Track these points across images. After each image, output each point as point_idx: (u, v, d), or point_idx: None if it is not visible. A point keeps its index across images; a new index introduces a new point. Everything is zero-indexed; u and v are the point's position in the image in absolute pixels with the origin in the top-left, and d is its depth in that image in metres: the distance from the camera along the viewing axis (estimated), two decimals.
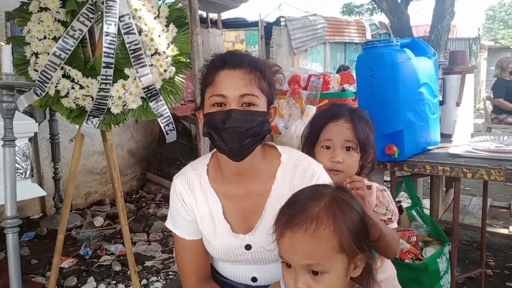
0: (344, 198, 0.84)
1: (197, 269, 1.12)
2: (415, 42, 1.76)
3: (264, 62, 1.06)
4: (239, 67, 0.99)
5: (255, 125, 0.98)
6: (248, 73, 0.99)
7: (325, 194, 0.83)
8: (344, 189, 0.88)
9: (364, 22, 10.33)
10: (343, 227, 0.78)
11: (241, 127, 0.97)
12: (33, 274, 2.46)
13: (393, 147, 1.61)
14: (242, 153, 1.00)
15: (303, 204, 0.82)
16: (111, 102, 1.92)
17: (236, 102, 0.97)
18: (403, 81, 1.57)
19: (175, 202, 1.11)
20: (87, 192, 3.83)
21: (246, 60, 1.01)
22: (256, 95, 0.99)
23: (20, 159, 1.99)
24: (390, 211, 1.30)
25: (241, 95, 0.97)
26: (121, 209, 2.12)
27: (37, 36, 1.83)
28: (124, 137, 4.20)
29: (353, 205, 0.84)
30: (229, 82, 0.98)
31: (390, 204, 1.31)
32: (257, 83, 0.99)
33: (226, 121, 0.97)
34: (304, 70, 2.82)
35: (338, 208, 0.80)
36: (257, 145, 1.02)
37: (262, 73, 1.02)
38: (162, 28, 2.00)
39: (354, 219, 0.81)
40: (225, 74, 0.99)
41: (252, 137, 0.99)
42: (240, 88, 0.98)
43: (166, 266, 2.57)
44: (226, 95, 0.98)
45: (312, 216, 0.78)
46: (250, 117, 0.98)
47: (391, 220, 1.30)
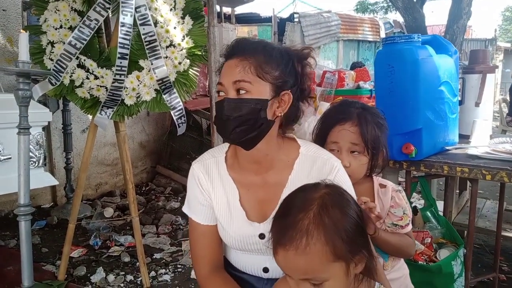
0: (334, 202, 0.81)
1: (210, 256, 1.12)
2: (437, 39, 1.72)
3: (272, 47, 1.02)
4: (237, 55, 0.99)
5: (245, 113, 0.95)
6: (244, 59, 0.97)
7: (313, 200, 0.81)
8: (335, 188, 0.86)
9: (379, 20, 10.22)
10: (335, 237, 0.76)
11: (230, 116, 0.96)
12: (44, 262, 2.47)
13: (411, 146, 1.57)
14: (239, 141, 1.00)
15: (292, 216, 0.80)
16: (125, 93, 1.92)
17: (232, 89, 0.97)
18: (424, 78, 1.53)
19: (192, 187, 1.12)
20: (98, 183, 3.86)
21: (249, 46, 1.00)
22: (249, 81, 0.96)
23: (34, 147, 2.00)
24: (407, 216, 1.26)
25: (233, 81, 0.97)
26: (132, 201, 2.12)
27: (53, 25, 1.84)
28: (135, 129, 4.21)
29: (344, 207, 0.81)
30: (227, 69, 1.00)
31: (407, 207, 1.27)
32: (253, 69, 0.96)
33: (220, 110, 0.98)
34: (319, 66, 2.79)
35: (328, 217, 0.78)
36: (256, 133, 0.99)
37: (266, 58, 0.98)
38: (177, 20, 1.99)
39: (346, 224, 0.79)
40: (227, 63, 1.01)
41: (245, 125, 0.96)
42: (233, 75, 0.97)
43: (175, 259, 2.57)
44: (223, 83, 0.99)
45: (301, 230, 0.77)
46: (239, 104, 0.96)
47: (408, 225, 1.27)
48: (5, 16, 3.09)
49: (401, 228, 1.26)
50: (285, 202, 0.87)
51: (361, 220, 0.83)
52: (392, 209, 1.27)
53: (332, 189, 0.85)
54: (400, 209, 1.26)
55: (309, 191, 0.85)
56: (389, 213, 1.27)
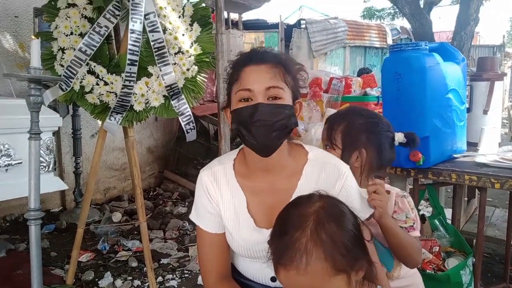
0: (330, 216, 0.81)
1: (218, 264, 1.12)
2: (444, 47, 1.72)
3: (287, 57, 1.07)
4: (264, 62, 1.01)
5: (282, 117, 0.99)
6: (273, 67, 1.00)
7: (308, 216, 0.81)
8: (329, 199, 0.86)
9: (385, 26, 10.22)
10: (334, 252, 0.77)
11: (268, 120, 0.97)
12: (52, 267, 2.49)
13: (418, 154, 1.57)
14: (270, 147, 1.01)
15: (289, 235, 0.79)
16: (134, 99, 1.94)
17: (263, 95, 0.98)
18: (431, 86, 1.53)
19: (200, 195, 1.12)
20: (106, 188, 3.88)
21: (271, 55, 1.03)
22: (282, 87, 1.00)
23: (44, 152, 2.02)
24: (410, 219, 1.27)
25: (267, 88, 0.98)
26: (140, 206, 2.13)
27: (64, 32, 1.86)
28: (143, 134, 4.25)
29: (340, 220, 0.81)
30: (255, 76, 1.00)
31: (410, 211, 1.28)
32: (282, 76, 1.00)
33: (254, 115, 0.98)
34: (326, 72, 2.80)
35: (325, 232, 0.78)
36: (285, 139, 1.03)
37: (286, 67, 1.03)
38: (186, 27, 2.01)
39: (343, 238, 0.79)
40: (251, 69, 1.01)
41: (280, 130, 0.99)
42: (265, 81, 0.99)
43: (182, 264, 2.58)
44: (252, 89, 0.99)
45: (300, 250, 0.77)
46: (277, 109, 0.99)
47: (413, 228, 1.28)
48: (17, 22, 3.15)
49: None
50: (280, 219, 0.87)
51: (358, 230, 0.83)
52: (395, 215, 1.28)
53: (326, 201, 0.85)
54: (403, 214, 1.27)
55: (302, 206, 0.85)
56: (393, 219, 1.27)
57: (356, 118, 1.31)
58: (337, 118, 1.35)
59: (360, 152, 1.28)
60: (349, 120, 1.31)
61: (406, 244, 1.22)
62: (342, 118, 1.34)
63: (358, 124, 1.30)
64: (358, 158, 1.28)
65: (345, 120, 1.32)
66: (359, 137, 1.28)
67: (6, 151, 1.94)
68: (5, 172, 1.94)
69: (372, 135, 1.29)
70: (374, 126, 1.30)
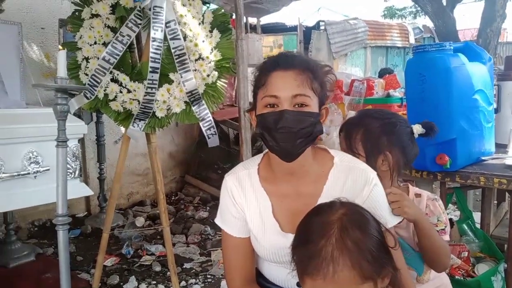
0: (354, 222, 0.80)
1: (243, 269, 1.13)
2: (469, 47, 1.67)
3: (315, 63, 1.06)
4: (292, 68, 1.00)
5: (307, 125, 0.99)
6: (301, 73, 1.00)
7: (332, 224, 0.80)
8: (351, 206, 0.85)
9: (407, 25, 10.03)
10: (360, 259, 0.76)
11: (293, 128, 0.98)
12: (79, 271, 2.55)
13: (445, 157, 1.53)
14: (294, 153, 1.01)
15: (314, 244, 0.79)
16: (156, 106, 1.97)
17: (289, 102, 0.98)
18: (457, 87, 1.50)
19: (225, 199, 1.13)
20: (129, 193, 3.96)
21: (299, 60, 1.03)
22: (308, 95, 1.00)
23: (70, 159, 2.07)
24: (441, 222, 1.26)
25: (293, 95, 0.98)
26: (163, 211, 2.16)
27: (88, 42, 1.92)
28: (165, 140, 4.31)
29: (365, 226, 0.81)
30: (282, 82, 1.00)
31: (441, 214, 1.27)
32: (309, 83, 1.00)
33: (279, 122, 0.98)
34: (347, 75, 2.77)
35: (350, 240, 0.77)
36: (309, 146, 1.03)
37: (314, 74, 1.02)
38: (206, 33, 2.03)
39: (369, 244, 0.78)
40: (278, 75, 1.01)
41: (304, 138, 0.99)
42: (292, 89, 0.99)
43: (204, 269, 2.59)
44: (278, 95, 0.99)
45: (326, 258, 0.76)
46: (302, 117, 0.98)
47: (444, 232, 1.26)
48: (44, 33, 3.26)
49: None
50: (303, 227, 0.86)
51: (382, 236, 0.82)
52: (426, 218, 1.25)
53: (349, 208, 0.84)
54: (435, 217, 1.26)
55: (325, 214, 0.84)
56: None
57: (372, 122, 1.29)
58: (352, 126, 1.33)
59: (385, 155, 1.26)
60: (366, 126, 1.29)
61: (438, 246, 1.21)
62: (358, 125, 1.31)
63: (376, 128, 1.28)
64: (384, 161, 1.26)
65: (362, 127, 1.29)
66: (380, 141, 1.26)
67: (35, 158, 2.00)
68: (34, 179, 2.00)
69: (392, 136, 1.27)
70: (392, 126, 1.28)
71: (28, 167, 1.97)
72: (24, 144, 1.98)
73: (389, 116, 1.33)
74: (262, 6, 3.71)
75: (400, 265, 0.92)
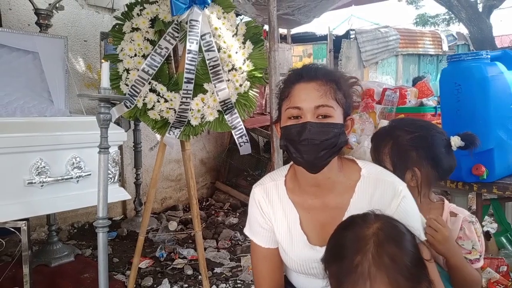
0: (390, 237, 0.78)
1: (271, 278, 1.13)
2: (507, 54, 1.65)
3: (340, 74, 1.07)
4: (314, 79, 1.01)
5: (331, 137, 0.98)
6: (323, 84, 1.00)
7: (368, 239, 0.77)
8: (386, 219, 0.82)
9: (440, 33, 9.79)
10: (397, 276, 0.74)
11: (316, 139, 0.97)
12: (115, 272, 2.66)
13: (482, 168, 1.50)
14: (318, 165, 1.00)
15: (349, 259, 0.76)
16: (191, 115, 2.05)
17: (312, 113, 0.99)
18: (494, 96, 1.48)
19: (253, 210, 1.15)
20: (163, 197, 4.08)
21: (322, 72, 1.03)
22: (332, 106, 0.99)
23: (110, 165, 2.19)
24: (477, 251, 1.19)
25: (316, 106, 0.99)
26: (196, 216, 2.23)
27: (129, 54, 2.03)
28: (196, 147, 4.42)
29: (401, 241, 0.78)
30: (304, 94, 1.00)
31: (477, 242, 1.19)
32: (333, 94, 1.00)
33: (302, 134, 0.98)
34: (378, 83, 2.77)
35: (387, 255, 0.75)
36: (333, 157, 1.02)
37: (338, 85, 1.02)
38: (239, 45, 2.10)
39: (405, 260, 0.75)
40: (301, 87, 1.02)
41: (328, 149, 0.99)
42: (315, 100, 0.99)
43: (234, 274, 2.63)
44: (301, 107, 1.00)
45: (363, 275, 0.74)
46: (325, 129, 0.98)
47: (478, 260, 1.20)
48: (86, 46, 3.45)
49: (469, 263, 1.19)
50: (335, 241, 0.84)
51: (418, 250, 0.80)
52: (460, 241, 1.20)
53: (383, 221, 0.82)
54: (470, 242, 1.19)
55: (359, 227, 0.81)
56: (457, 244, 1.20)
57: (401, 135, 1.24)
58: (381, 138, 1.29)
59: (413, 171, 1.21)
60: (395, 139, 1.24)
61: (468, 278, 1.16)
62: (387, 137, 1.27)
63: (405, 142, 1.23)
64: (413, 177, 1.21)
65: (390, 139, 1.25)
66: (409, 156, 1.21)
67: (78, 163, 2.12)
68: (76, 183, 2.12)
69: (422, 150, 1.21)
70: (423, 140, 1.22)
71: (71, 172, 2.10)
72: (67, 150, 2.11)
73: (420, 128, 1.25)
74: (294, 18, 3.77)
75: (434, 277, 0.90)
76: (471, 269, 1.17)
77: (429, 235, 1.08)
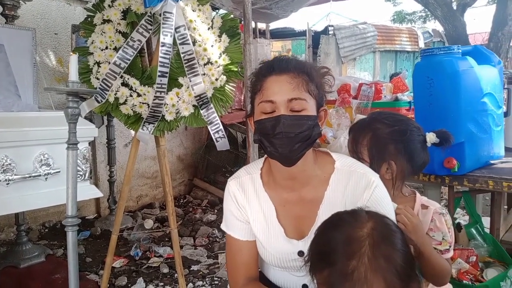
0: (384, 238, 0.74)
1: (246, 272, 1.12)
2: (478, 50, 1.67)
3: (311, 65, 1.05)
4: (286, 71, 1.00)
5: (305, 129, 0.98)
6: (295, 77, 0.99)
7: (362, 241, 0.73)
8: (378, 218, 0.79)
9: (417, 30, 9.98)
10: (393, 278, 0.71)
11: (290, 133, 0.96)
12: (87, 272, 2.58)
13: (453, 161, 1.52)
14: (293, 158, 1.00)
15: (343, 264, 0.72)
16: (165, 110, 2.00)
17: (285, 107, 0.97)
18: (465, 90, 1.49)
19: (228, 203, 1.13)
20: (138, 195, 4.00)
21: (293, 64, 1.02)
22: (305, 98, 0.98)
23: (81, 161, 2.11)
24: (447, 242, 1.20)
25: (289, 99, 0.97)
26: (171, 213, 2.18)
27: (99, 47, 1.95)
28: (174, 143, 4.35)
29: (394, 241, 0.75)
30: (277, 87, 0.99)
31: (447, 233, 1.21)
32: (305, 86, 0.99)
33: (276, 127, 0.97)
34: (355, 79, 2.77)
35: (383, 258, 0.71)
36: (308, 149, 1.02)
37: (310, 76, 1.01)
38: (215, 38, 2.06)
39: (400, 260, 0.73)
40: (273, 79, 1.00)
41: (302, 142, 0.98)
42: (287, 93, 0.97)
43: (212, 271, 2.60)
44: (274, 100, 0.98)
45: (360, 280, 0.70)
46: (299, 121, 0.97)
47: (447, 251, 1.22)
48: (57, 39, 3.33)
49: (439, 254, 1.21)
50: (323, 244, 0.78)
51: (408, 247, 0.78)
52: (431, 232, 1.21)
53: (376, 220, 0.78)
54: (440, 233, 1.20)
55: (350, 228, 0.76)
56: (427, 235, 1.21)
57: (380, 128, 1.25)
58: (360, 129, 1.29)
59: (389, 164, 1.22)
60: (374, 131, 1.25)
61: (438, 268, 1.17)
62: (366, 129, 1.27)
63: (384, 135, 1.23)
64: (388, 170, 1.23)
65: (370, 131, 1.25)
66: (386, 149, 1.22)
67: (46, 160, 2.04)
68: (45, 180, 2.04)
69: (400, 144, 1.22)
70: (401, 134, 1.23)
71: (39, 169, 2.01)
72: (35, 146, 2.02)
73: (400, 122, 1.27)
74: (271, 12, 3.74)
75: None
76: (440, 259, 1.18)
77: (400, 224, 1.09)
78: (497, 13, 6.49)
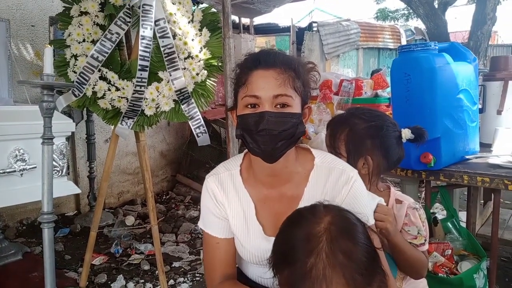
0: (342, 231, 0.72)
1: (224, 268, 1.10)
2: (454, 47, 1.69)
3: (298, 61, 1.03)
4: (273, 67, 0.97)
5: (289, 127, 0.96)
6: (282, 73, 0.96)
7: (319, 236, 0.71)
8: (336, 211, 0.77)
9: (399, 27, 10.10)
10: (354, 274, 0.69)
11: (274, 130, 0.94)
12: (66, 269, 2.54)
13: (429, 156, 1.55)
14: (275, 156, 0.98)
15: (301, 262, 0.70)
16: (145, 104, 1.97)
17: (270, 103, 0.95)
18: (441, 86, 1.51)
19: (206, 201, 1.10)
20: (120, 192, 3.94)
21: (280, 59, 0.99)
22: (290, 95, 0.96)
23: (58, 157, 2.07)
24: (422, 236, 1.22)
25: (274, 95, 0.95)
26: (152, 209, 2.16)
27: (76, 39, 1.91)
28: (156, 139, 4.30)
29: (354, 234, 0.73)
30: (263, 82, 0.96)
31: (422, 227, 1.23)
32: (291, 83, 0.97)
33: (259, 124, 0.94)
34: (336, 75, 2.79)
35: (342, 252, 0.69)
36: (291, 147, 1.00)
37: (297, 72, 0.99)
38: (195, 32, 2.04)
39: (360, 255, 0.71)
40: (259, 74, 0.97)
41: (286, 140, 0.96)
42: (273, 89, 0.95)
43: (193, 267, 2.59)
44: (259, 96, 0.96)
45: (318, 278, 0.68)
46: (284, 119, 0.95)
47: (423, 245, 1.24)
48: (34, 31, 3.24)
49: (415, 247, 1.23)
50: (283, 242, 0.76)
51: (370, 241, 0.76)
52: (405, 227, 1.23)
53: (334, 214, 0.76)
54: (415, 228, 1.22)
55: (308, 223, 0.74)
56: (402, 231, 1.24)
57: (358, 123, 1.26)
58: (338, 124, 1.31)
59: (366, 159, 1.24)
60: (351, 126, 1.26)
61: (412, 260, 1.19)
62: (344, 124, 1.29)
63: (361, 130, 1.25)
64: (364, 165, 1.24)
65: (347, 126, 1.27)
66: (363, 144, 1.24)
67: (21, 156, 1.99)
68: (20, 176, 1.99)
69: (376, 139, 1.24)
70: (377, 130, 1.25)
71: (14, 164, 1.96)
72: (10, 141, 1.97)
73: (376, 118, 1.28)
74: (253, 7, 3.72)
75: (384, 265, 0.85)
76: (415, 251, 1.20)
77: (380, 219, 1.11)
78: (476, 13, 6.62)
